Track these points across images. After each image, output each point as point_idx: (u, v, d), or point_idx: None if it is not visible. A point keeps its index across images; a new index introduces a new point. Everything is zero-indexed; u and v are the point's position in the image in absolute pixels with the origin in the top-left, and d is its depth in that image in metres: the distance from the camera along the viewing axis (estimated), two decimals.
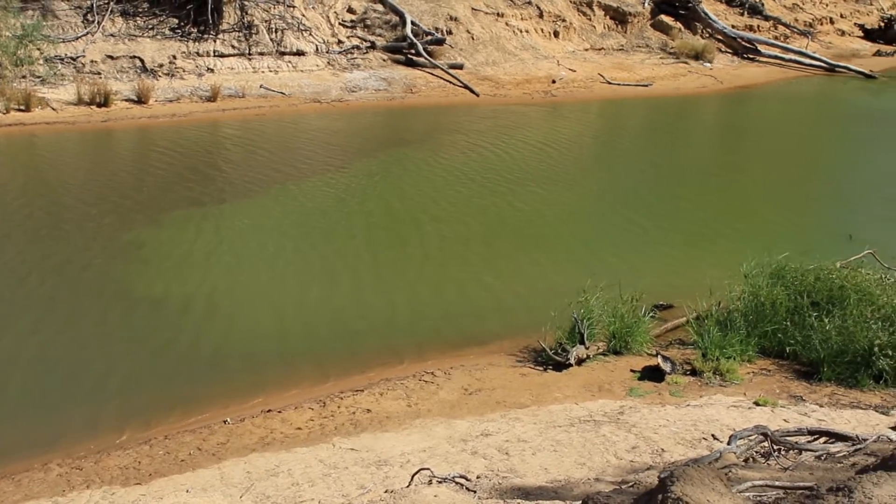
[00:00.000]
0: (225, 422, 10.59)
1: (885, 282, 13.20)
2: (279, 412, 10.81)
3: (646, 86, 33.50)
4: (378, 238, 17.06)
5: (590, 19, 38.71)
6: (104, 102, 24.43)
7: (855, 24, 52.43)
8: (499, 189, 20.19)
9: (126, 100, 25.13)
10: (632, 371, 11.98)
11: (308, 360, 12.38)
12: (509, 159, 22.75)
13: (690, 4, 41.45)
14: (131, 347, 12.43)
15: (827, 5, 53.38)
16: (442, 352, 12.76)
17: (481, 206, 19.01)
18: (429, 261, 15.94)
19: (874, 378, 11.46)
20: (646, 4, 41.13)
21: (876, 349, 11.35)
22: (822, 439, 8.48)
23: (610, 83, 33.16)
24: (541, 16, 36.59)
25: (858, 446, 7.59)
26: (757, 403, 10.73)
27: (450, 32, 32.79)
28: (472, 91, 29.91)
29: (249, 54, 28.57)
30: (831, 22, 51.01)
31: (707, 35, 41.04)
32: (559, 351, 12.12)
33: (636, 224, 18.49)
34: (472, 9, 34.54)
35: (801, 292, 12.70)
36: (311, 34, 30.13)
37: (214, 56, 27.97)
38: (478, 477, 8.44)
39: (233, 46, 28.48)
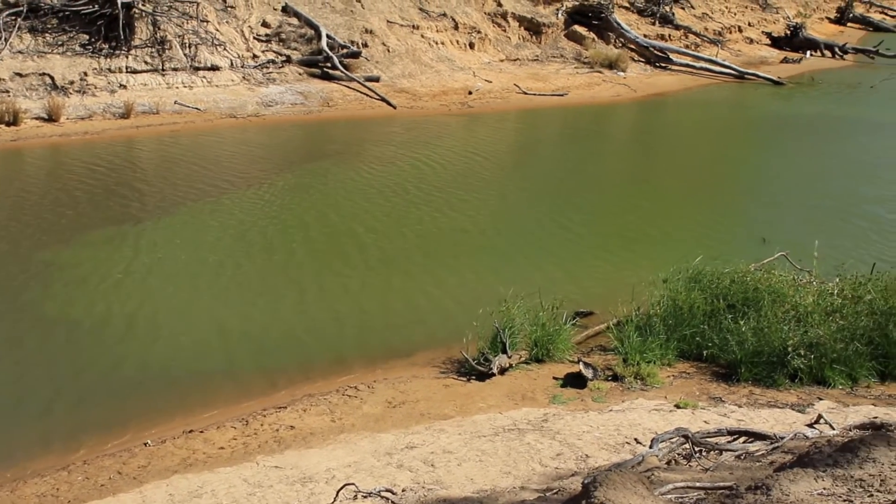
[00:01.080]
0: (146, 444, 10.39)
1: (798, 282, 13.49)
2: (201, 432, 10.65)
3: (561, 95, 33.86)
4: (297, 253, 16.94)
5: (505, 31, 39.03)
6: (13, 121, 23.84)
7: (762, 32, 53.71)
8: (420, 200, 20.21)
9: (36, 118, 24.56)
10: (554, 378, 12.06)
11: (230, 378, 12.23)
12: (429, 170, 22.81)
13: (603, 15, 42.04)
14: (49, 371, 12.14)
15: (735, 14, 54.59)
16: (365, 365, 12.70)
17: (404, 218, 19.00)
18: (351, 274, 15.86)
19: (790, 377, 11.70)
20: (559, 15, 41.60)
21: (790, 349, 11.60)
22: (742, 439, 8.63)
23: (526, 93, 33.45)
24: (456, 28, 36.77)
25: (776, 444, 7.74)
26: (678, 406, 10.88)
27: (365, 45, 32.78)
28: (388, 103, 29.91)
29: (163, 70, 28.18)
30: (740, 30, 52.19)
31: (620, 45, 41.66)
32: (482, 361, 12.14)
33: (557, 232, 18.65)
34: (388, 21, 34.58)
35: (717, 295, 12.91)
36: (225, 49, 29.84)
37: (127, 72, 27.52)
38: (403, 490, 8.41)
39: (146, 62, 28.06)
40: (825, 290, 13.18)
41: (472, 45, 36.77)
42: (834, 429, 9.16)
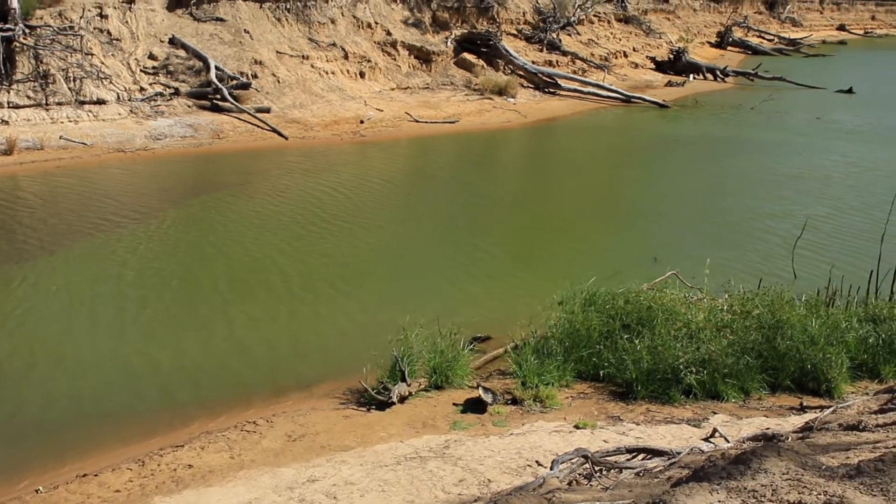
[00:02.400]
0: (37, 491, 10.05)
1: (689, 300, 13.77)
2: (95, 475, 10.33)
3: (452, 122, 34.14)
4: (197, 286, 16.67)
5: (395, 59, 39.23)
6: None
7: (647, 56, 55.10)
8: (317, 230, 20.12)
9: None
10: (454, 405, 12.05)
11: (126, 418, 11.92)
12: (324, 200, 22.71)
13: (492, 42, 42.57)
14: None
15: (620, 40, 55.87)
16: (264, 399, 12.53)
17: (301, 248, 18.88)
18: (252, 306, 15.67)
19: (684, 393, 11.91)
20: (449, 43, 41.99)
21: (683, 365, 11.82)
22: (641, 456, 8.74)
23: (417, 121, 33.64)
24: (346, 57, 36.83)
25: (673, 460, 7.86)
26: (577, 427, 10.96)
27: (255, 76, 32.58)
28: (280, 134, 29.74)
29: (47, 104, 27.52)
30: (625, 55, 53.43)
31: (509, 71, 42.22)
32: (381, 390, 12.07)
33: (454, 258, 18.74)
34: (277, 52, 34.45)
35: (612, 316, 13.09)
36: (111, 82, 29.30)
37: (8, 107, 26.80)
38: None
39: (28, 97, 27.38)
40: (715, 306, 13.50)
41: (362, 75, 36.87)
42: (729, 441, 9.35)
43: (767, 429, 10.08)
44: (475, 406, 11.86)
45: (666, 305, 13.12)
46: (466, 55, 42.03)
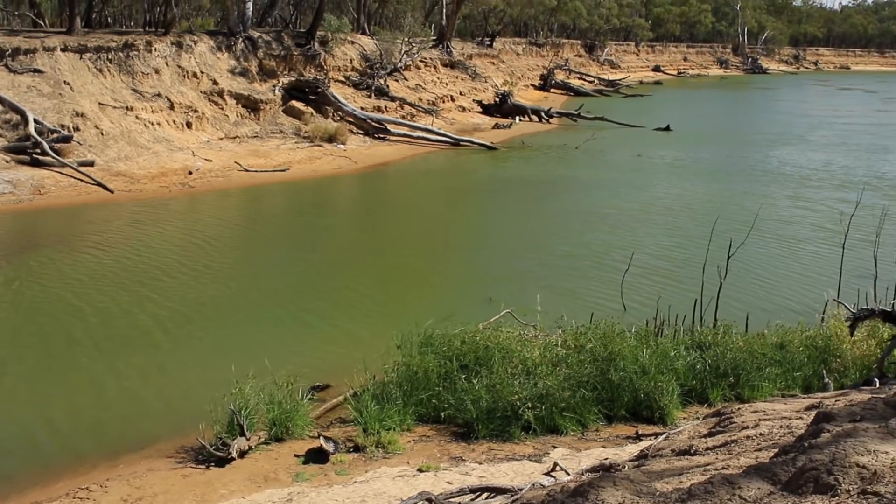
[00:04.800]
0: None
1: (524, 337, 13.98)
2: None
3: (283, 171, 33.94)
4: (24, 347, 15.91)
5: (222, 108, 38.78)
6: None
7: (474, 100, 56.24)
8: (146, 284, 19.56)
9: None
10: (296, 456, 11.85)
11: None
12: (152, 254, 22.15)
13: (320, 90, 42.62)
14: None
15: (447, 84, 56.85)
16: (97, 463, 12.01)
17: (131, 304, 18.28)
18: (79, 365, 15.06)
19: (525, 429, 12.05)
20: (277, 91, 41.82)
21: (522, 402, 11.96)
22: (484, 496, 8.77)
23: (247, 170, 33.29)
24: (172, 107, 36.18)
25: (515, 497, 7.92)
26: (420, 470, 10.94)
27: (77, 129, 31.59)
28: (105, 188, 28.90)
29: None
30: (452, 99, 54.37)
31: (339, 118, 42.35)
32: (220, 446, 11.76)
33: (289, 307, 18.53)
34: (100, 104, 33.53)
35: (449, 357, 13.15)
36: None
37: None
38: None
39: None
40: (550, 342, 13.75)
41: (189, 125, 36.29)
42: (569, 474, 9.48)
43: (606, 459, 10.28)
44: (317, 456, 11.69)
45: (502, 344, 13.27)
46: (295, 103, 41.95)
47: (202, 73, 39.44)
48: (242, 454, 11.78)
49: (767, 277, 21.32)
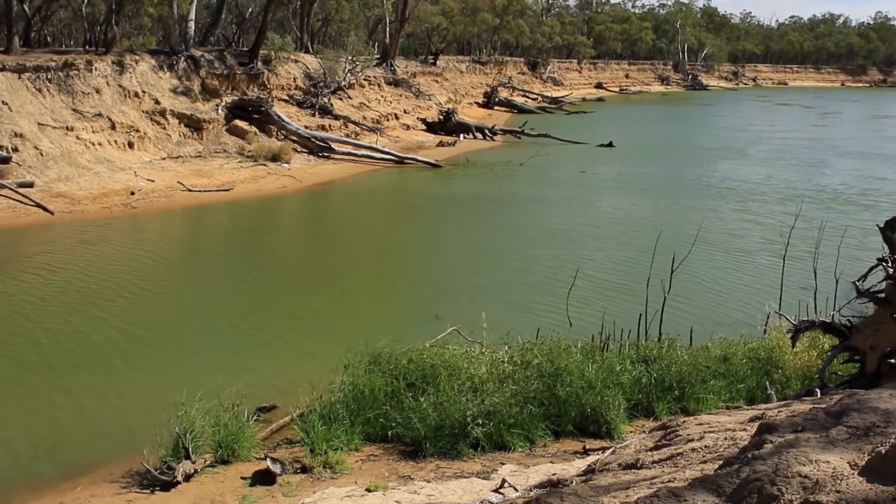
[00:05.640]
0: None
1: (471, 354, 13.98)
2: None
3: (226, 190, 33.72)
4: None
5: (164, 128, 38.44)
6: None
7: (418, 118, 56.37)
8: (89, 306, 19.28)
9: None
10: (242, 478, 11.72)
11: None
12: (95, 276, 21.84)
13: (263, 108, 42.43)
14: None
15: (391, 103, 56.91)
16: (38, 492, 11.77)
17: (73, 327, 18.02)
18: (19, 388, 14.78)
19: (473, 446, 12.03)
20: (220, 110, 41.57)
21: (469, 419, 11.95)
22: None
23: (191, 190, 33.02)
24: (113, 127, 35.78)
25: None
26: (369, 489, 10.88)
27: (16, 150, 31.09)
28: (45, 209, 28.48)
29: None
30: (397, 118, 54.44)
31: (283, 137, 42.18)
32: (165, 469, 11.60)
33: (234, 327, 18.38)
34: (39, 124, 33.05)
35: (396, 375, 13.11)
36: None
37: None
38: None
39: None
40: (497, 358, 13.75)
41: (131, 145, 35.91)
42: (517, 491, 9.48)
43: (554, 474, 10.30)
44: (264, 478, 11.57)
45: (448, 361, 13.26)
46: (238, 122, 41.71)
47: (144, 92, 39.07)
48: (188, 477, 11.62)
49: (712, 290, 21.59)
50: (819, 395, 10.37)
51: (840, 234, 22.04)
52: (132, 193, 31.49)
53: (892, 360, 9.47)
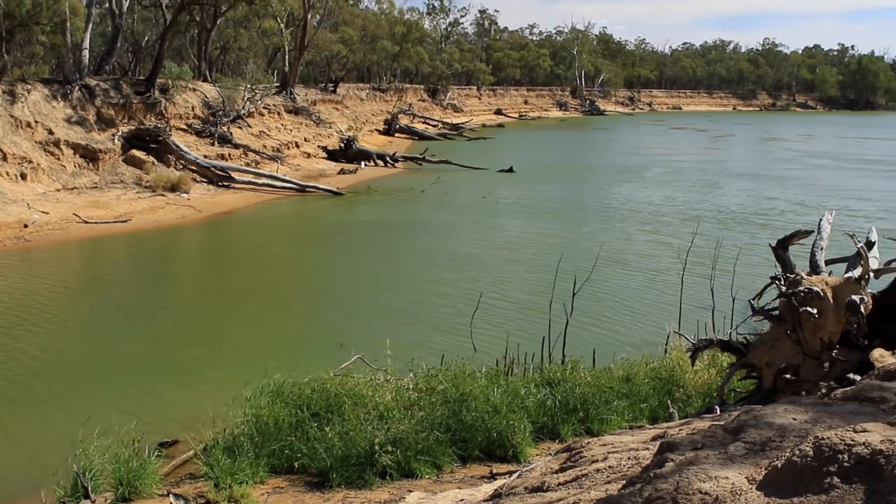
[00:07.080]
0: None
1: (375, 382, 13.92)
2: None
3: (124, 221, 33.12)
4: None
5: (59, 159, 37.58)
6: None
7: (318, 146, 56.24)
8: None
9: None
10: None
11: None
12: None
13: (161, 138, 41.83)
14: None
15: (291, 131, 56.69)
16: None
17: None
18: None
19: (380, 475, 11.94)
20: (116, 140, 40.84)
21: (376, 447, 11.88)
22: None
23: (87, 222, 32.32)
24: (4, 158, 34.85)
25: None
26: None
27: None
28: None
29: None
30: (297, 146, 54.23)
31: (181, 167, 41.64)
32: None
33: (133, 362, 17.95)
34: None
35: (300, 406, 12.97)
36: None
37: None
38: None
39: None
40: (401, 385, 13.73)
41: (24, 176, 34.98)
42: None
43: (461, 500, 10.28)
44: None
45: (353, 390, 13.18)
46: (136, 152, 41.00)
47: (37, 122, 38.13)
48: None
49: (614, 311, 21.90)
50: (718, 412, 10.57)
51: (736, 253, 22.58)
52: (25, 226, 30.67)
53: (788, 376, 9.69)
